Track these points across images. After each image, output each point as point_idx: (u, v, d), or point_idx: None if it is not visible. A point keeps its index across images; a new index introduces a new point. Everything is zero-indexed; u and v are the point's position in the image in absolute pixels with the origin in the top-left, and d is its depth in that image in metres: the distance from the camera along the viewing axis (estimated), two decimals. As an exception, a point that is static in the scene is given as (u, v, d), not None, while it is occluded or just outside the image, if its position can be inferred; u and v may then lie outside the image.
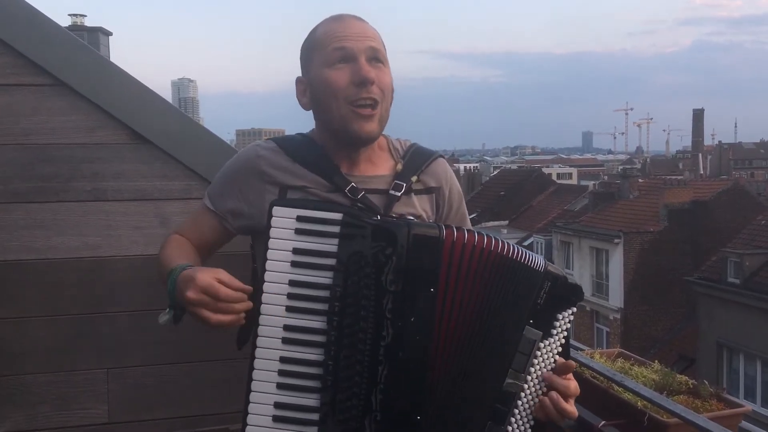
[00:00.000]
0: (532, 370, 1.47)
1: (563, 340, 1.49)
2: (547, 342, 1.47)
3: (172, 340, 2.25)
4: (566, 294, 1.48)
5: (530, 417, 1.49)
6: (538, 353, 1.47)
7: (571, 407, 1.49)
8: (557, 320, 1.48)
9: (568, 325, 1.50)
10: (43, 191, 2.19)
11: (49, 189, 2.20)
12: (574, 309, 1.49)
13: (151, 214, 2.26)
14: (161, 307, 2.21)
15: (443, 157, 1.77)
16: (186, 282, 1.43)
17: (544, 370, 1.48)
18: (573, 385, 1.49)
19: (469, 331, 1.43)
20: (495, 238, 1.45)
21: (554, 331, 1.48)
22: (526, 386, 1.47)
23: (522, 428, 1.48)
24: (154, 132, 2.25)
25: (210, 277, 1.40)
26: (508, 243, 1.46)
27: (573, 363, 1.51)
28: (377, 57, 1.57)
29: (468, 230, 1.44)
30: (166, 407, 2.30)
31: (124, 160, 2.24)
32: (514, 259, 1.45)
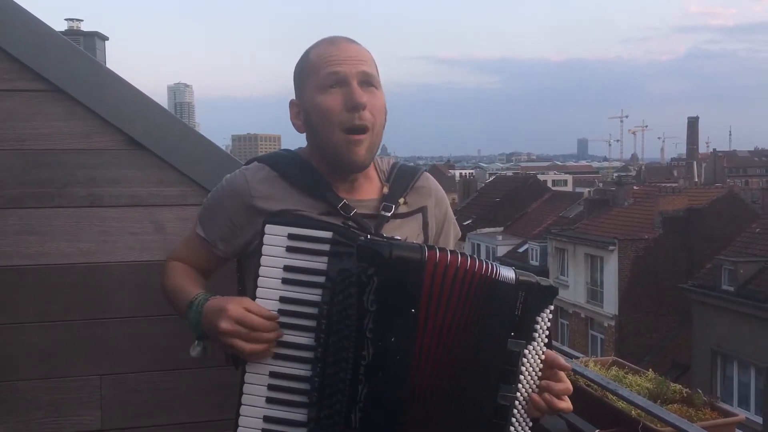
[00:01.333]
0: (522, 378, 1.49)
1: (546, 339, 1.51)
2: (531, 347, 1.49)
3: (166, 347, 2.25)
4: (541, 297, 1.50)
5: (528, 420, 1.52)
6: (524, 360, 1.49)
7: (565, 404, 1.51)
8: (537, 323, 1.50)
9: (548, 324, 1.51)
10: (38, 197, 2.19)
11: (44, 195, 2.19)
12: (552, 307, 1.51)
13: (146, 220, 2.26)
14: (156, 314, 2.21)
15: (425, 171, 1.79)
16: (216, 313, 1.45)
17: (533, 374, 1.51)
18: (567, 386, 1.52)
19: (453, 352, 1.44)
20: (472, 257, 1.46)
21: (536, 335, 1.50)
22: (518, 394, 1.49)
23: (522, 430, 1.51)
24: (149, 138, 2.25)
25: (241, 307, 1.43)
26: (481, 260, 1.47)
27: (568, 367, 1.53)
28: (369, 81, 1.57)
29: (451, 252, 1.45)
30: (160, 414, 2.29)
31: (119, 166, 2.24)
32: (490, 277, 1.46)
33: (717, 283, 20.54)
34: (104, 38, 6.41)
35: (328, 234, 1.44)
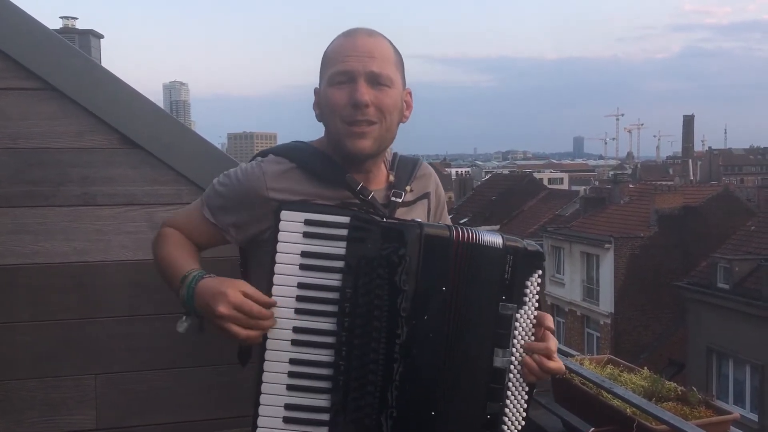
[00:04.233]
0: (515, 341, 1.52)
1: (536, 303, 1.54)
2: (522, 311, 1.52)
3: (160, 346, 2.24)
4: (529, 261, 1.53)
5: (524, 384, 1.54)
6: (517, 324, 1.52)
7: (556, 364, 1.54)
8: (526, 287, 1.52)
9: (538, 288, 1.54)
10: (32, 196, 2.18)
11: (38, 193, 2.18)
12: (540, 271, 1.54)
13: (140, 218, 2.25)
14: (151, 313, 2.21)
15: (422, 160, 1.85)
16: (214, 295, 1.44)
17: (526, 338, 1.54)
18: (553, 344, 1.55)
19: (461, 322, 1.48)
20: (468, 228, 1.50)
21: (526, 299, 1.53)
22: (513, 358, 1.52)
23: (519, 396, 1.54)
24: (144, 137, 2.24)
25: (239, 292, 1.43)
26: (474, 230, 1.51)
27: (552, 328, 1.56)
28: (377, 80, 1.59)
29: (467, 228, 1.49)
30: (154, 413, 2.28)
31: (114, 165, 2.23)
32: (484, 245, 1.50)
33: (712, 281, 20.55)
34: (99, 36, 6.40)
35: (345, 219, 1.46)
